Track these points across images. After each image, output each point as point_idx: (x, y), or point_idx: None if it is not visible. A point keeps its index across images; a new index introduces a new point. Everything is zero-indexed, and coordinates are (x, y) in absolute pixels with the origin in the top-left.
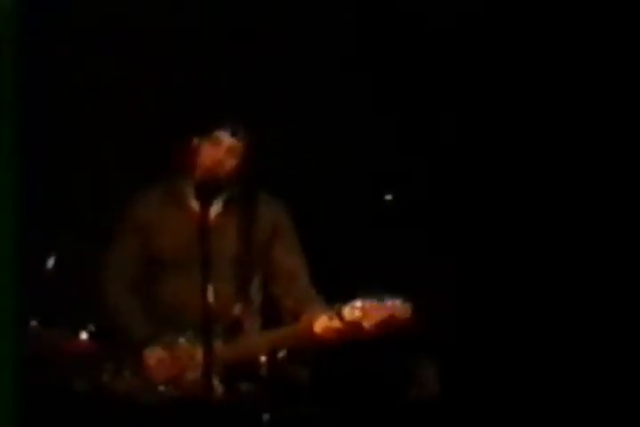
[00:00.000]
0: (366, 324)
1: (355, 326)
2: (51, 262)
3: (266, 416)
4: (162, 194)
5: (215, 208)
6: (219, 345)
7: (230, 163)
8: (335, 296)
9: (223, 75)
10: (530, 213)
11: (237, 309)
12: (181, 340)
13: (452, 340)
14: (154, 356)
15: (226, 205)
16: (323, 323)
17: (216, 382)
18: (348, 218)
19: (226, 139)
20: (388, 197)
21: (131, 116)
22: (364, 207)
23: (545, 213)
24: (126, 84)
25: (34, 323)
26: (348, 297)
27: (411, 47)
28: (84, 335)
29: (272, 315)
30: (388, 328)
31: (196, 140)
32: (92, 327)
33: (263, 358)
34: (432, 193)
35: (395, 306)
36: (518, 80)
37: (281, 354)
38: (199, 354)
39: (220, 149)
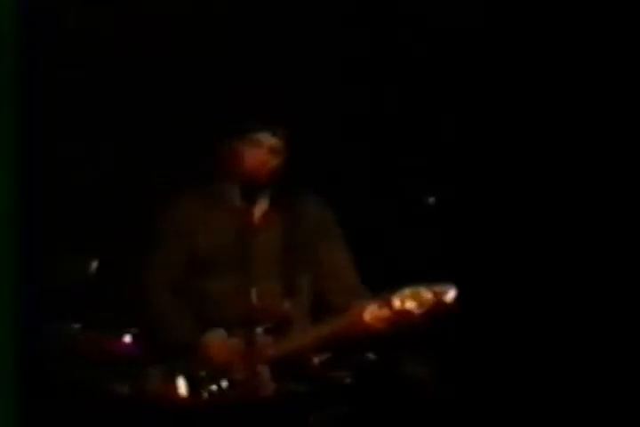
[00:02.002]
0: (415, 311)
1: (404, 313)
2: (94, 266)
3: (313, 415)
4: (205, 195)
5: (260, 207)
6: (269, 342)
7: (273, 162)
8: (380, 290)
9: (259, 74)
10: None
11: (286, 306)
12: (233, 339)
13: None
14: (214, 341)
15: (270, 204)
16: (372, 312)
17: (265, 380)
18: (386, 214)
19: (266, 139)
20: (431, 199)
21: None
22: (404, 204)
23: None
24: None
25: (76, 325)
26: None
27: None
28: (127, 338)
29: (322, 314)
30: (437, 314)
31: (236, 142)
32: (134, 330)
33: (315, 359)
34: (465, 190)
35: (442, 291)
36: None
37: (327, 354)
38: (248, 352)
39: (261, 150)
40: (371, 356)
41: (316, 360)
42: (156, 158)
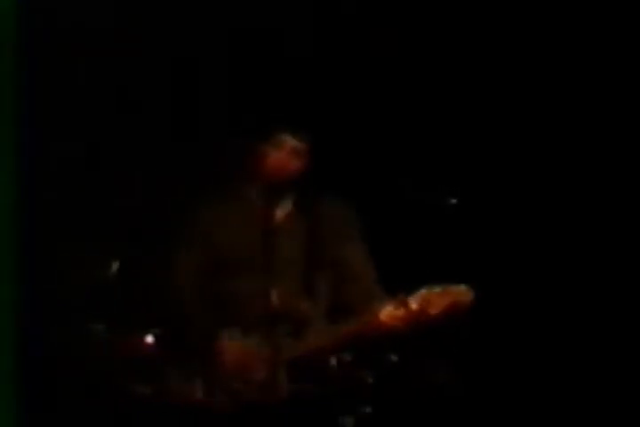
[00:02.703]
0: (431, 311)
1: (420, 314)
2: (115, 266)
3: (332, 416)
4: (226, 197)
5: (283, 209)
6: (286, 343)
7: (294, 164)
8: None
9: (282, 77)
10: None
11: (304, 307)
12: (250, 339)
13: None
14: (228, 348)
15: (293, 205)
16: (388, 313)
17: (283, 382)
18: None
19: (288, 141)
20: (453, 201)
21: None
22: (424, 205)
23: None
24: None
25: (99, 326)
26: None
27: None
28: (149, 338)
29: (340, 315)
30: (453, 314)
31: (259, 143)
32: (156, 331)
33: (332, 360)
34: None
35: (458, 292)
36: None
37: (348, 356)
38: (266, 353)
39: (283, 152)
40: (393, 356)
41: (333, 361)
42: (177, 158)
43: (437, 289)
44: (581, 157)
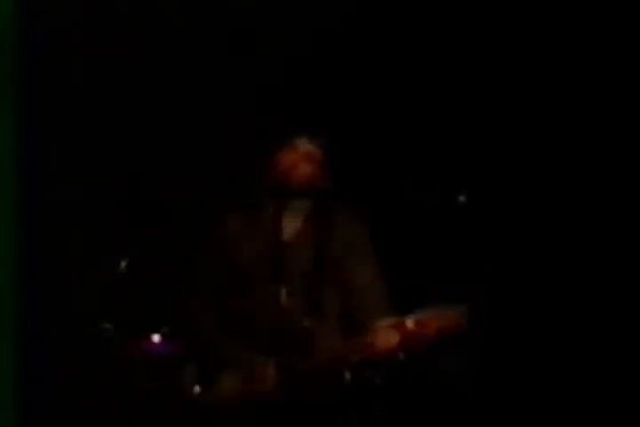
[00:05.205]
0: (424, 334)
1: (412, 337)
2: (123, 264)
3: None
4: (242, 208)
5: (294, 223)
6: (294, 359)
7: (306, 168)
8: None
9: (281, 77)
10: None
11: (308, 322)
12: (256, 357)
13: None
14: (231, 380)
15: (305, 220)
16: (382, 336)
17: (288, 397)
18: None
19: (302, 144)
20: (462, 198)
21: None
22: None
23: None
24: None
25: (107, 325)
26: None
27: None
28: (156, 338)
29: (352, 330)
30: (445, 337)
31: (274, 148)
32: (165, 329)
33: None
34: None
35: (451, 316)
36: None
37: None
38: (271, 368)
39: (295, 154)
40: (401, 355)
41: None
42: (177, 158)
43: (430, 312)
44: (581, 155)
